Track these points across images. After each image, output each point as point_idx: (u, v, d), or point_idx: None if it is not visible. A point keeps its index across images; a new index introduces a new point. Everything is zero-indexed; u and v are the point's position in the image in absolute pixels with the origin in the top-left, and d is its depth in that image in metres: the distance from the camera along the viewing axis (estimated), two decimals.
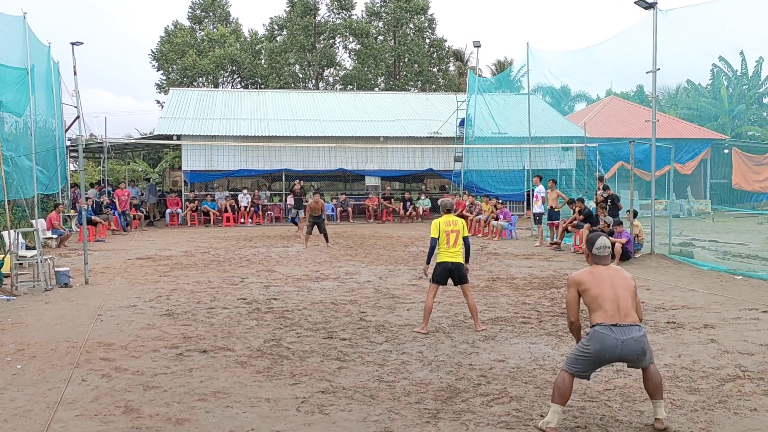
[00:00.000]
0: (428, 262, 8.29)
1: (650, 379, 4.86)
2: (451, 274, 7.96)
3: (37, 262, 11.01)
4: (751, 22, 15.10)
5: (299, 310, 9.10)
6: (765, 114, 36.30)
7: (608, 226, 14.38)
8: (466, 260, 8.14)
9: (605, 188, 16.07)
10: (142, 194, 28.55)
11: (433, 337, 7.59)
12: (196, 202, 25.45)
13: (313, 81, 49.05)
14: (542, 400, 5.45)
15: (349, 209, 26.80)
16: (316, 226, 17.01)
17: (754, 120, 35.25)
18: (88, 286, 11.13)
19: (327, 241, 17.29)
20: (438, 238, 7.98)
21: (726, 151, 29.99)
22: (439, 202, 8.75)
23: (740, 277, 11.72)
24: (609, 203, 15.48)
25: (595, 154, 22.55)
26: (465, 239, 8.04)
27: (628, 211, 14.88)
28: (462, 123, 27.29)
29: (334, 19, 48.55)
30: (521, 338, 7.51)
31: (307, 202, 19.59)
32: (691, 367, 6.29)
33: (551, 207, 17.28)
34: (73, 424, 4.95)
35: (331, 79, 49.91)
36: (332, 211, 26.49)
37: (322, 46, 47.71)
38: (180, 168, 27.73)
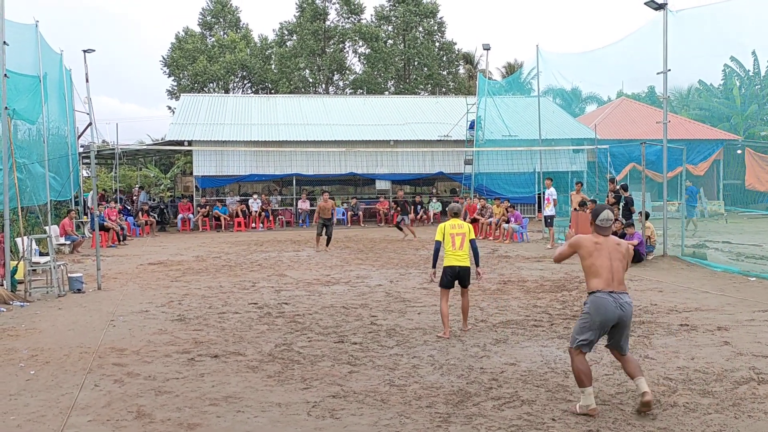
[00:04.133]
0: (434, 266, 8.31)
1: (629, 364, 5.32)
2: (458, 277, 7.96)
3: (50, 268, 11.10)
4: (762, 22, 14.99)
5: (310, 315, 9.11)
6: None
7: (621, 226, 14.29)
8: (477, 263, 8.15)
9: (624, 188, 15.96)
10: (153, 199, 28.71)
11: (444, 341, 7.57)
12: (208, 207, 25.56)
13: (323, 85, 49.19)
14: (554, 403, 5.42)
15: (360, 213, 26.81)
16: (324, 228, 17.09)
17: (767, 120, 34.94)
18: (100, 291, 11.21)
19: (327, 244, 17.32)
20: (442, 242, 7.98)
21: (739, 151, 29.73)
22: (447, 207, 8.76)
23: (754, 278, 11.61)
24: (622, 205, 15.39)
25: (607, 155, 22.47)
26: (472, 242, 8.03)
27: (640, 212, 14.80)
28: (472, 126, 27.26)
29: (343, 24, 48.70)
30: (532, 341, 7.48)
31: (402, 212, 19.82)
32: (705, 370, 6.24)
33: (575, 209, 17.22)
34: (86, 429, 4.98)
35: (341, 84, 50.04)
36: (343, 215, 26.53)
37: (331, 50, 47.84)
38: (191, 173, 27.86)
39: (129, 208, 24.31)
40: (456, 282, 8.02)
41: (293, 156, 26.05)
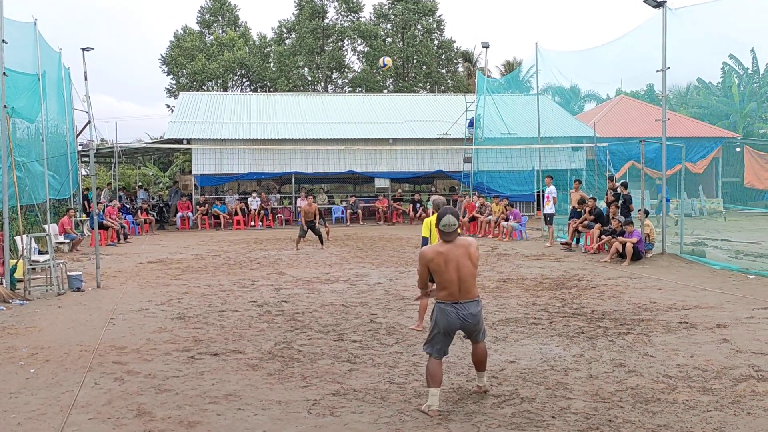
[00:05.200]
0: None
1: (477, 353, 5.58)
2: None
3: (49, 267, 11.09)
4: (761, 20, 14.98)
5: (310, 313, 9.12)
6: None
7: (620, 224, 14.31)
8: None
9: (624, 186, 15.96)
10: (152, 198, 28.70)
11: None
12: (207, 205, 25.55)
13: (322, 83, 49.15)
14: (553, 400, 5.43)
15: (359, 211, 26.81)
16: (309, 230, 17.05)
17: (766, 118, 34.95)
18: (100, 290, 11.21)
19: (322, 243, 17.35)
20: (429, 237, 8.06)
21: (738, 149, 29.79)
22: (431, 199, 8.80)
23: (753, 276, 11.62)
24: (621, 202, 15.40)
25: (606, 153, 22.48)
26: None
27: (639, 210, 14.81)
28: (471, 124, 27.26)
29: (342, 22, 48.64)
30: (532, 339, 7.49)
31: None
32: (704, 367, 6.25)
33: (573, 207, 17.20)
34: (86, 428, 4.98)
35: (339, 82, 50.01)
36: (342, 213, 26.52)
37: (330, 48, 47.80)
38: (190, 172, 27.85)
39: (128, 206, 24.29)
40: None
41: (292, 154, 26.05)
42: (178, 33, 48.41)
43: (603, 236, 15.07)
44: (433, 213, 8.42)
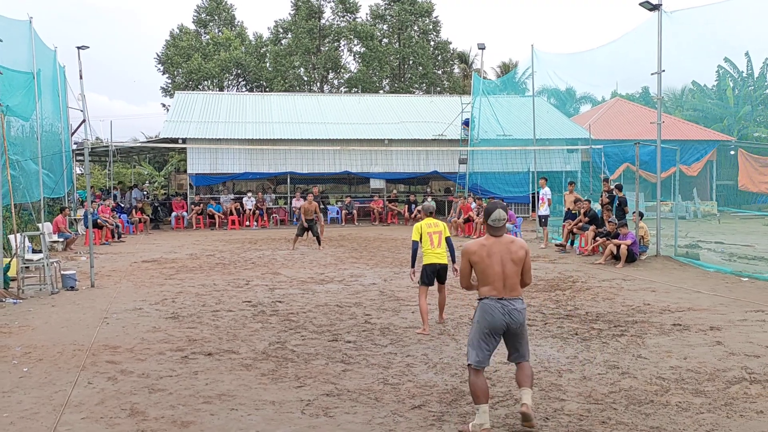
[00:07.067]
0: (413, 266, 8.47)
1: (522, 369, 5.09)
2: (438, 274, 8.16)
3: (43, 266, 11.05)
4: (756, 24, 15.07)
5: (304, 313, 9.11)
6: None
7: (615, 226, 14.33)
8: (453, 260, 8.30)
9: (618, 188, 16.00)
10: (148, 196, 28.67)
11: (437, 339, 7.59)
12: (202, 205, 25.50)
13: (318, 84, 49.15)
14: (547, 402, 5.44)
15: (354, 212, 26.79)
16: (309, 230, 17.04)
17: (760, 121, 35.06)
18: (94, 289, 11.17)
19: (319, 243, 17.32)
20: (420, 241, 8.13)
21: (732, 152, 29.87)
22: (421, 206, 8.96)
23: (746, 278, 11.66)
24: (616, 204, 15.43)
25: (601, 155, 22.54)
26: (447, 239, 8.26)
27: (634, 212, 14.85)
28: (467, 123, 27.28)
29: (338, 22, 48.67)
30: None
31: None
32: (697, 369, 6.27)
33: (568, 209, 17.20)
34: (79, 427, 4.97)
35: (336, 82, 50.04)
36: (337, 213, 26.50)
37: (326, 49, 47.81)
38: (185, 171, 27.78)
39: (122, 205, 24.23)
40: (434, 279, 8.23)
41: (287, 154, 26.00)
42: (174, 32, 48.40)
43: (597, 238, 15.10)
44: (424, 217, 8.52)
